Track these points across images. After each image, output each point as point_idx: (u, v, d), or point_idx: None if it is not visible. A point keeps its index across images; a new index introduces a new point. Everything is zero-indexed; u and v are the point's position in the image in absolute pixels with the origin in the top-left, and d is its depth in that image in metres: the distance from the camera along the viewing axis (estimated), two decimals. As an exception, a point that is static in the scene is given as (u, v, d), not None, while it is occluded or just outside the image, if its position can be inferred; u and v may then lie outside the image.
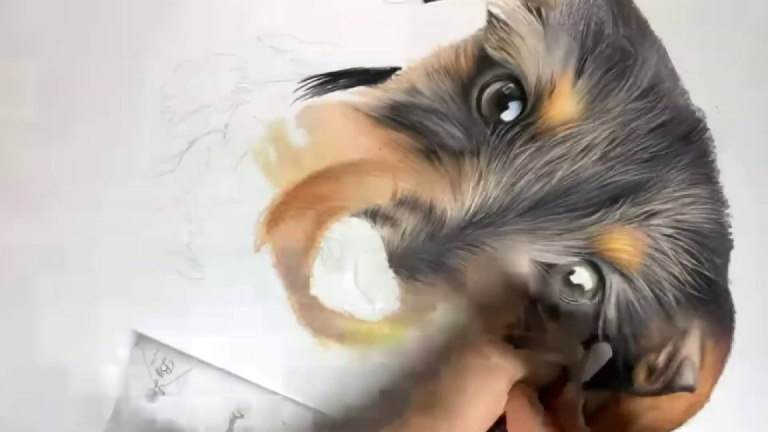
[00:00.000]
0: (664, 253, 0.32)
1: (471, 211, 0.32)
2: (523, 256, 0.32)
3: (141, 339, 0.34)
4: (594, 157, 0.32)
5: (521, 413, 0.27)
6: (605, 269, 0.32)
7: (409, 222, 0.32)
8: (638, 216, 0.32)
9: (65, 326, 0.35)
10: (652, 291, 0.32)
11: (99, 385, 0.34)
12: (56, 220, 0.35)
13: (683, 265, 0.32)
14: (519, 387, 0.28)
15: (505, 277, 0.32)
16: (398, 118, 0.33)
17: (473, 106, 0.33)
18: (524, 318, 0.33)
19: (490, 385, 0.28)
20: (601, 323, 0.32)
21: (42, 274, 0.35)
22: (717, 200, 0.32)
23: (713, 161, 0.32)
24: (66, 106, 0.35)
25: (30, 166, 0.35)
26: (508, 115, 0.32)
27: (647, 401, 0.33)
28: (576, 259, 0.32)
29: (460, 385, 0.29)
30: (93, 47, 0.35)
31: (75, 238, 0.35)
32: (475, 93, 0.33)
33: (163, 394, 0.33)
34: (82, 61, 0.35)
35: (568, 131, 0.32)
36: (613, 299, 0.32)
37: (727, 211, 0.32)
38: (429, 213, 0.32)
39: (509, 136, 0.32)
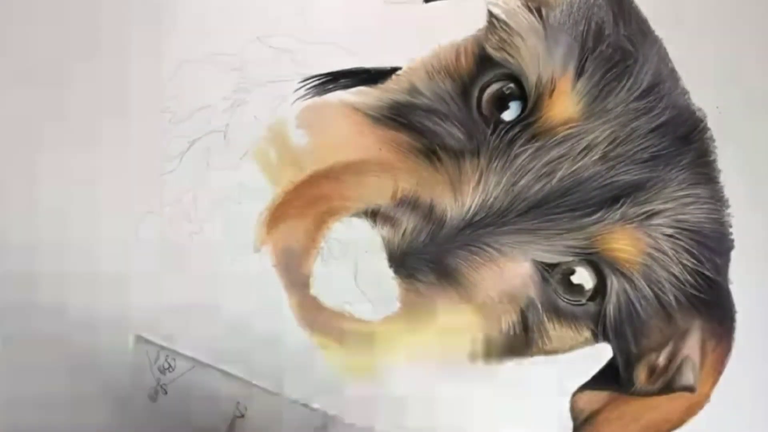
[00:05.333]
0: (664, 252, 0.32)
1: (471, 211, 0.32)
2: (524, 256, 0.32)
3: (141, 338, 0.34)
4: (594, 157, 0.32)
5: None
6: (606, 269, 0.32)
7: (409, 222, 0.32)
8: (639, 216, 0.31)
9: (66, 326, 0.35)
10: (653, 291, 0.32)
11: (100, 383, 0.34)
12: (57, 220, 0.35)
13: (684, 265, 0.32)
14: None
15: (504, 275, 0.32)
16: (398, 118, 0.33)
17: (473, 106, 0.33)
18: (524, 318, 0.33)
19: None
20: (601, 323, 0.32)
21: (42, 274, 0.35)
22: (717, 200, 0.32)
23: (714, 161, 0.32)
24: (66, 106, 0.35)
25: (29, 165, 0.35)
26: (508, 115, 0.32)
27: (647, 401, 0.33)
28: (576, 258, 0.32)
29: None
30: (93, 47, 0.35)
31: (75, 237, 0.35)
32: (475, 93, 0.33)
33: (165, 392, 0.33)
34: (82, 61, 0.35)
35: (568, 131, 0.32)
36: (613, 299, 0.32)
37: (728, 211, 0.32)
38: (429, 213, 0.32)
39: (509, 136, 0.32)
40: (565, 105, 0.32)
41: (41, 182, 0.35)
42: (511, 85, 0.32)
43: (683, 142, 0.32)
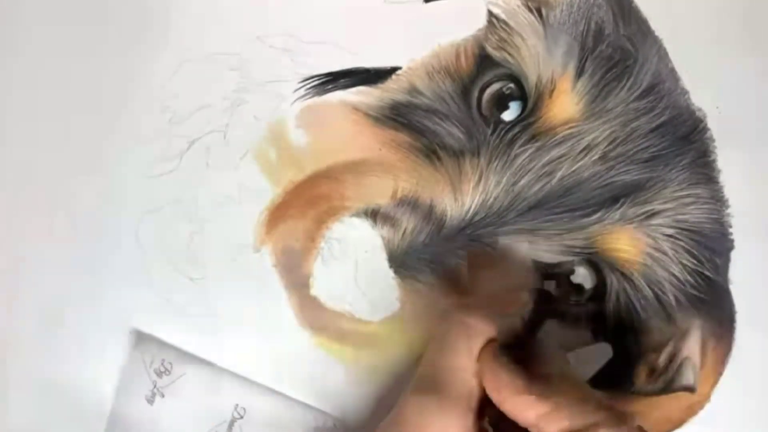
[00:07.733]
0: (664, 252, 0.32)
1: (471, 211, 0.32)
2: (524, 256, 0.32)
3: (140, 340, 0.34)
4: (594, 157, 0.32)
5: (492, 363, 0.27)
6: (605, 269, 0.32)
7: (409, 222, 0.32)
8: (638, 216, 0.32)
9: (64, 326, 0.35)
10: (653, 291, 0.32)
11: (98, 386, 0.34)
12: (56, 219, 0.35)
13: (683, 265, 0.32)
14: (488, 344, 0.28)
15: (507, 270, 0.32)
16: (398, 118, 0.33)
17: (473, 106, 0.33)
18: (524, 318, 0.33)
19: (470, 347, 0.28)
20: (601, 323, 0.32)
21: (42, 274, 0.35)
22: (717, 200, 0.32)
23: (714, 161, 0.32)
24: (66, 106, 0.35)
25: (30, 165, 0.35)
26: (508, 115, 0.32)
27: (647, 401, 0.33)
28: (576, 258, 0.32)
29: (444, 357, 0.28)
30: (93, 47, 0.35)
31: (75, 237, 0.35)
32: (475, 93, 0.33)
33: (162, 395, 0.33)
34: (82, 61, 0.35)
35: (568, 131, 0.32)
36: (613, 299, 0.32)
37: (728, 211, 0.32)
38: (429, 213, 0.32)
39: (509, 136, 0.32)
40: (565, 105, 0.32)
41: (41, 181, 0.35)
42: (511, 85, 0.32)
43: (683, 142, 0.32)
